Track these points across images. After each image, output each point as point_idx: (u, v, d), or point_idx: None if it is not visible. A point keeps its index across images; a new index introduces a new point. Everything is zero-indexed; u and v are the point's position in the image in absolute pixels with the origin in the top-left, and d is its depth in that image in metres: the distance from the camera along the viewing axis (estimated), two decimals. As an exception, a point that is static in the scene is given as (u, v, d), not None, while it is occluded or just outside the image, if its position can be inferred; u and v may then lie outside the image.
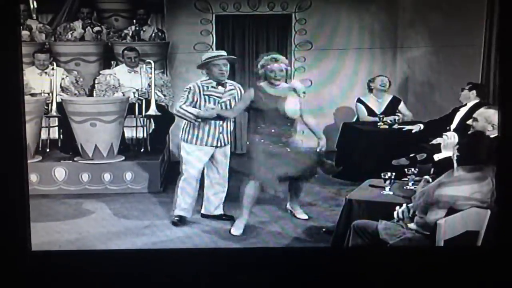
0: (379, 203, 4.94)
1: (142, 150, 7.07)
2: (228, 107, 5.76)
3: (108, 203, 6.31)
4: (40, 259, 4.93)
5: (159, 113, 6.87)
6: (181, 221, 5.84)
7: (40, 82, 7.08)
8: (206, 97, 5.70)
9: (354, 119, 7.45)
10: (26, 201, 4.96)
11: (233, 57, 6.20)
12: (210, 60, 5.70)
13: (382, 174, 5.14)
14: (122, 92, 7.02)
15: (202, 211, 5.97)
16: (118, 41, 7.65)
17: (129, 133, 7.16)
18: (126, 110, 6.79)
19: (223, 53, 5.87)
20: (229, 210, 5.93)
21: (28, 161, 6.43)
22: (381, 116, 6.98)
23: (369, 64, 7.84)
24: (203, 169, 5.85)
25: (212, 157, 5.81)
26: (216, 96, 5.73)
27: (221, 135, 5.77)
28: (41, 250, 5.01)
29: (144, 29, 7.75)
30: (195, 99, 5.70)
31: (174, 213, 5.86)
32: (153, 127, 7.13)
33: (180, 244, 5.48)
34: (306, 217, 5.94)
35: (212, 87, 5.74)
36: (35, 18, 7.71)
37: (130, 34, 7.68)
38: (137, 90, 7.06)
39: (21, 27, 7.44)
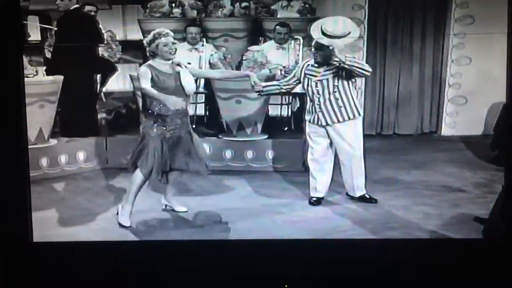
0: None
1: (285, 129, 7.00)
2: (326, 86, 5.51)
3: (249, 180, 6.29)
4: (42, 250, 5.07)
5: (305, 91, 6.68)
6: (318, 202, 5.73)
7: (189, 58, 7.13)
8: (304, 76, 5.62)
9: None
10: (27, 192, 5.13)
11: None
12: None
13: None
14: (269, 69, 6.93)
15: (347, 191, 5.80)
16: (267, 17, 7.56)
17: (273, 111, 7.06)
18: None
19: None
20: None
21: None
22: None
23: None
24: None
25: (328, 136, 5.63)
26: (310, 75, 5.57)
27: (318, 113, 5.56)
28: (42, 241, 5.13)
29: (291, 4, 7.60)
30: (296, 76, 5.70)
31: (310, 194, 5.78)
32: (298, 105, 6.98)
33: (316, 224, 5.38)
34: (185, 209, 5.60)
35: (313, 66, 5.60)
36: (186, -6, 7.81)
37: (279, 9, 7.56)
38: (284, 67, 6.94)
39: (174, 4, 7.59)
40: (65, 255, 5.02)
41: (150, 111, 5.22)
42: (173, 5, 7.58)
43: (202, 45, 7.18)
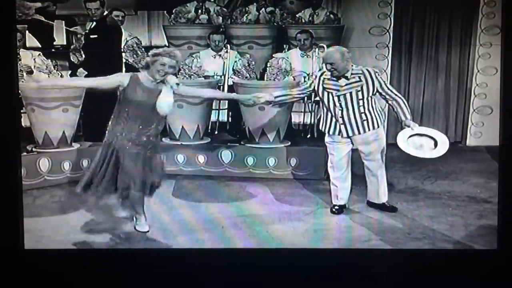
0: None
1: (308, 136, 6.97)
2: (350, 100, 5.41)
3: (271, 187, 6.26)
4: (34, 258, 5.05)
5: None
6: (340, 210, 5.69)
7: (213, 64, 7.15)
8: (323, 90, 5.51)
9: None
10: (19, 198, 5.12)
11: None
12: None
13: None
14: (293, 76, 6.91)
15: (369, 199, 5.76)
16: (292, 24, 7.54)
17: (296, 118, 7.06)
18: (294, 95, 6.66)
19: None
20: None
21: (196, 143, 6.65)
22: None
23: None
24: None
25: (352, 142, 5.57)
26: (331, 89, 5.46)
27: (341, 125, 5.49)
28: (34, 248, 5.10)
29: (317, 13, 7.58)
30: (313, 87, 5.60)
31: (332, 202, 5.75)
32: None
33: (338, 233, 5.34)
34: (147, 229, 5.32)
35: (331, 79, 5.48)
36: (212, 0, 7.80)
37: (306, 18, 7.55)
38: (308, 74, 6.94)
39: (200, 11, 7.60)
40: (57, 262, 5.02)
41: (118, 119, 5.01)
42: (199, 11, 7.60)
43: (226, 51, 7.18)
